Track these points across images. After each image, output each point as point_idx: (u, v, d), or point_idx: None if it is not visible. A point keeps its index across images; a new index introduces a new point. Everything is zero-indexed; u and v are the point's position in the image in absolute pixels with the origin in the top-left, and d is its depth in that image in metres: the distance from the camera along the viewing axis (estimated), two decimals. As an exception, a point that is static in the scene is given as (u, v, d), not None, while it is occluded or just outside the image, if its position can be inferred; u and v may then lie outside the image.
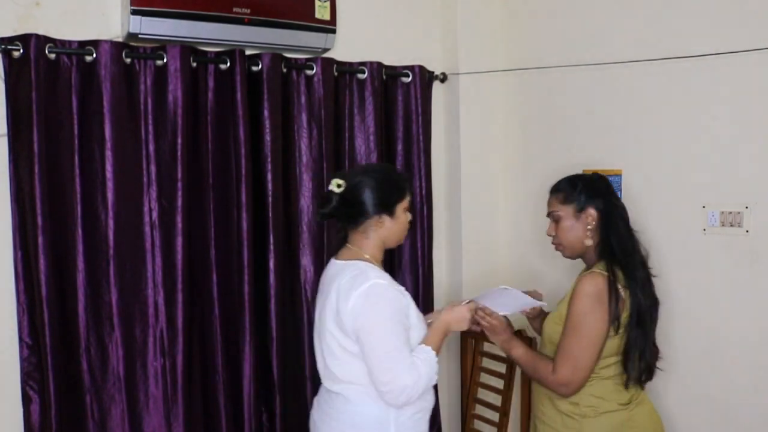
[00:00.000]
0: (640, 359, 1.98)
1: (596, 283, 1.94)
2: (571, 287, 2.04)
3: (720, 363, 2.27)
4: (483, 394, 2.87)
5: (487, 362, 2.86)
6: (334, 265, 1.98)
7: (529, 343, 2.61)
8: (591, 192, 2.04)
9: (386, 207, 1.92)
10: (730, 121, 2.19)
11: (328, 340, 1.90)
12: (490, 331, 2.16)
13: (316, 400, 2.05)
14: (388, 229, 1.95)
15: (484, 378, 2.87)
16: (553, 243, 2.13)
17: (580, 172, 2.65)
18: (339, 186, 1.90)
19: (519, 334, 2.66)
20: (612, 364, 2.00)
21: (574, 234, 2.06)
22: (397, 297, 1.86)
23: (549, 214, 2.12)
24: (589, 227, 2.03)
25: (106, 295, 2.32)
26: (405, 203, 1.97)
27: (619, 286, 1.94)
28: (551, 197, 2.13)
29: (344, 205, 1.91)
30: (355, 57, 2.78)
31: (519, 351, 2.15)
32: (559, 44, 2.76)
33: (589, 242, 2.04)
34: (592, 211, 2.03)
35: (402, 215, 1.96)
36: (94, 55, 2.26)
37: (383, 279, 1.86)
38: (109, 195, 2.30)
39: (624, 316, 1.95)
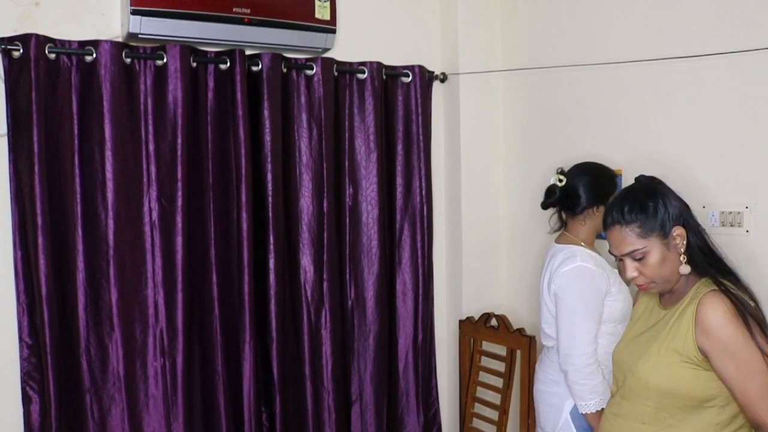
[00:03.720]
0: None
1: (723, 302, 1.53)
2: (680, 320, 1.59)
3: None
4: (482, 392, 2.88)
5: (486, 361, 2.86)
6: (553, 248, 2.27)
7: (529, 342, 2.62)
8: (665, 204, 1.62)
9: (601, 199, 2.20)
10: (730, 121, 2.19)
11: (543, 307, 2.26)
12: None
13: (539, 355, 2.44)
14: (601, 217, 2.15)
15: (483, 377, 2.87)
16: (638, 284, 1.66)
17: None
18: (561, 180, 2.24)
19: (519, 332, 2.67)
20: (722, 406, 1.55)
21: (669, 266, 1.61)
22: (598, 279, 2.13)
23: (623, 257, 1.65)
24: (681, 250, 1.61)
25: (106, 295, 2.32)
26: None
27: (747, 299, 1.57)
28: (618, 233, 1.64)
29: (566, 196, 2.23)
30: (355, 57, 2.78)
31: None
32: (558, 44, 2.76)
33: (687, 269, 1.61)
34: (679, 230, 1.61)
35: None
36: (94, 55, 2.26)
37: (588, 263, 2.14)
38: (109, 195, 2.30)
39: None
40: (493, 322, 2.81)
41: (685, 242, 1.60)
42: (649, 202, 1.62)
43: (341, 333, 2.76)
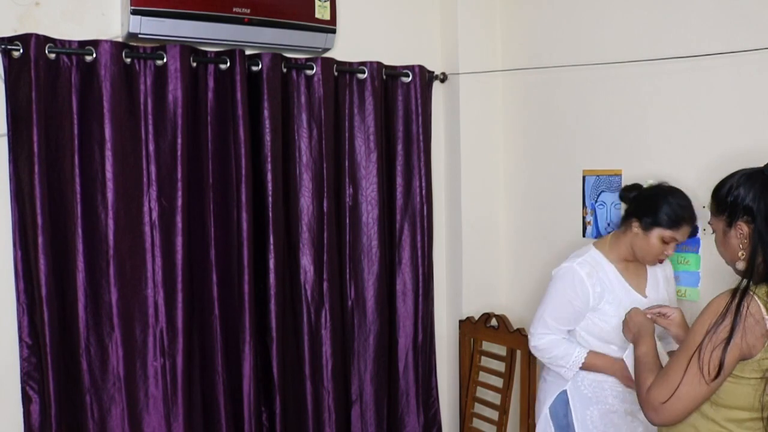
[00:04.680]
0: None
1: (717, 300, 1.51)
2: None
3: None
4: (482, 392, 2.88)
5: (486, 361, 2.86)
6: None
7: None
8: (744, 194, 1.54)
9: (643, 217, 2.05)
10: (730, 121, 2.19)
11: None
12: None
13: None
14: (637, 237, 2.07)
15: (483, 377, 2.87)
16: None
17: (579, 172, 2.67)
18: (648, 182, 2.18)
19: (519, 332, 2.66)
20: (746, 420, 1.49)
21: (728, 254, 1.61)
22: (580, 287, 2.10)
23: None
24: (741, 246, 1.56)
25: (106, 295, 2.32)
26: (664, 232, 2.03)
27: (764, 315, 1.44)
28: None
29: (636, 197, 2.14)
30: (355, 57, 2.78)
31: (642, 348, 1.72)
32: (558, 44, 2.76)
33: (740, 265, 1.55)
34: (742, 227, 1.54)
35: (654, 238, 2.05)
36: (94, 55, 2.26)
37: (582, 269, 2.11)
38: (109, 195, 2.29)
39: (761, 356, 1.45)
40: (493, 322, 2.81)
41: (746, 241, 1.53)
42: (727, 187, 1.60)
43: (341, 333, 2.76)
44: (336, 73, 2.70)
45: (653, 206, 2.04)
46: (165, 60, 2.35)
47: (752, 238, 1.52)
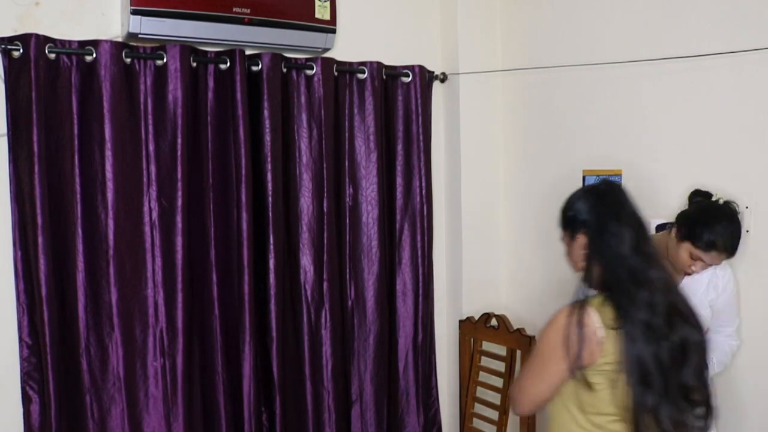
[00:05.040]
0: (657, 420, 1.53)
1: (560, 315, 1.62)
2: None
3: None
4: (482, 392, 2.88)
5: (486, 361, 2.86)
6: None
7: (529, 342, 2.62)
8: (581, 208, 1.71)
9: (682, 227, 2.03)
10: (730, 121, 2.19)
11: None
12: None
13: None
14: (671, 242, 2.07)
15: (483, 377, 2.87)
16: None
17: (579, 172, 2.68)
18: (717, 195, 2.05)
19: (519, 332, 2.67)
20: (608, 423, 1.61)
21: (573, 264, 1.75)
22: None
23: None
24: (583, 257, 1.69)
25: (106, 295, 2.32)
26: (693, 250, 2.00)
27: (596, 325, 1.56)
28: None
29: (693, 203, 2.11)
30: (355, 57, 2.78)
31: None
32: (558, 44, 2.76)
33: (579, 273, 1.70)
34: (581, 239, 1.69)
35: (684, 251, 2.03)
36: (94, 55, 2.26)
37: None
38: (109, 195, 2.29)
39: (602, 362, 1.57)
40: (493, 322, 2.81)
41: (583, 252, 1.66)
42: (569, 203, 1.76)
43: (341, 333, 2.76)
44: (336, 73, 2.70)
45: (696, 222, 1.99)
46: (165, 60, 2.35)
47: (588, 247, 1.66)
